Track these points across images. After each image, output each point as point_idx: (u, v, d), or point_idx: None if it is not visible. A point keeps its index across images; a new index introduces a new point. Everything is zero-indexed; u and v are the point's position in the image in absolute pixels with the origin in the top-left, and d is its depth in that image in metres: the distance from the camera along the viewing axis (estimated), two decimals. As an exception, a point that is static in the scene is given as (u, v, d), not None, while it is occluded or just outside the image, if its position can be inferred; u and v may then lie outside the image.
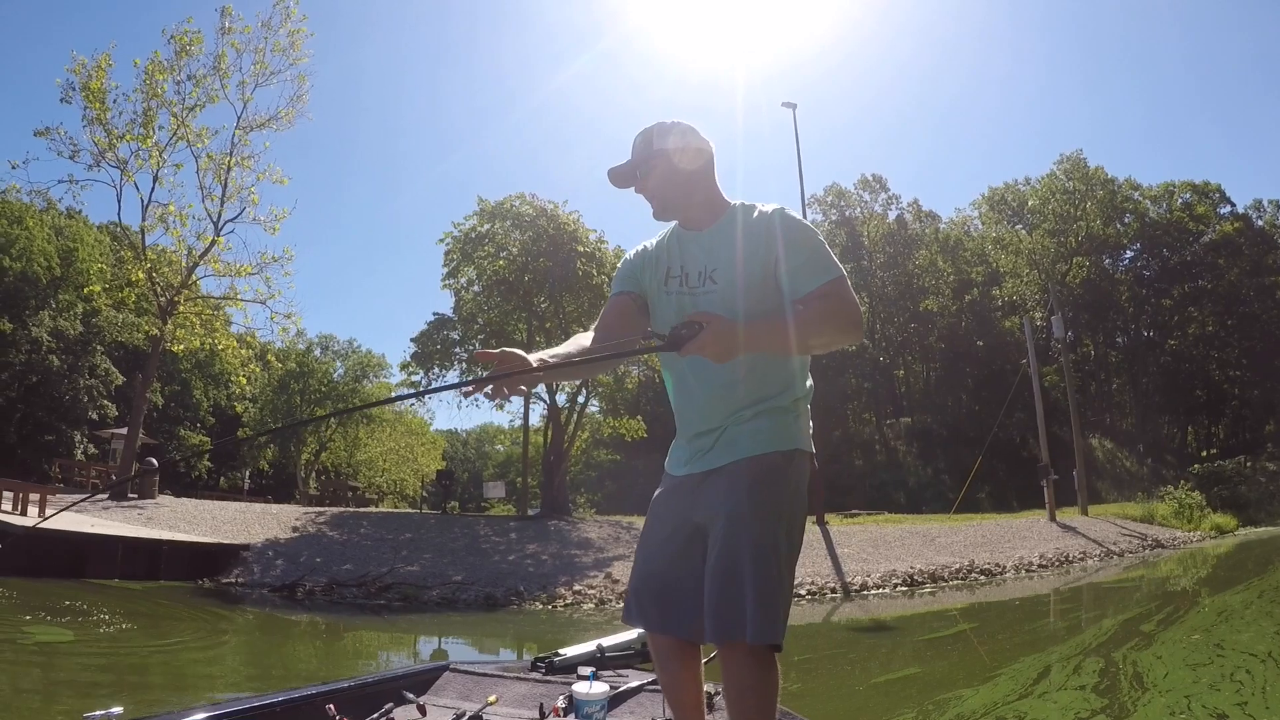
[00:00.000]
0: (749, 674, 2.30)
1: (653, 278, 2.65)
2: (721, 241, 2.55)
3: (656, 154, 2.60)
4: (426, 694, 3.49)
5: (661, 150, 2.60)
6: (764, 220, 2.51)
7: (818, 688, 7.44)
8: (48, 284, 55.38)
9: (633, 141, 2.67)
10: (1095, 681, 6.73)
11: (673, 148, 2.60)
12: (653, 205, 2.66)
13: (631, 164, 2.65)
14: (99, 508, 21.27)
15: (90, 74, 25.02)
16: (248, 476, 58.37)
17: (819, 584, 16.07)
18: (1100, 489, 39.98)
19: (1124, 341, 61.66)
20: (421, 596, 15.06)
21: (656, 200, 2.64)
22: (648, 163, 2.62)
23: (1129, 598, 14.56)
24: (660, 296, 2.62)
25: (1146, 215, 58.44)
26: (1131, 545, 23.21)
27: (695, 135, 2.64)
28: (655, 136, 2.63)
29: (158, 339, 26.45)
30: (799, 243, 2.45)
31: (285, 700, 3.02)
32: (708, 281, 2.51)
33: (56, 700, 6.55)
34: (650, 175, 2.62)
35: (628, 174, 2.67)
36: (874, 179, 62.92)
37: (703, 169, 2.63)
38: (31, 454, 50.59)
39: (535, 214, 28.27)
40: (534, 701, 3.35)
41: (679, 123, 2.65)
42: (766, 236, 2.47)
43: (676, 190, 2.61)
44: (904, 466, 49.85)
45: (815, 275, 2.40)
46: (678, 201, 2.63)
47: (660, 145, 2.61)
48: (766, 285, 2.44)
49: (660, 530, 2.58)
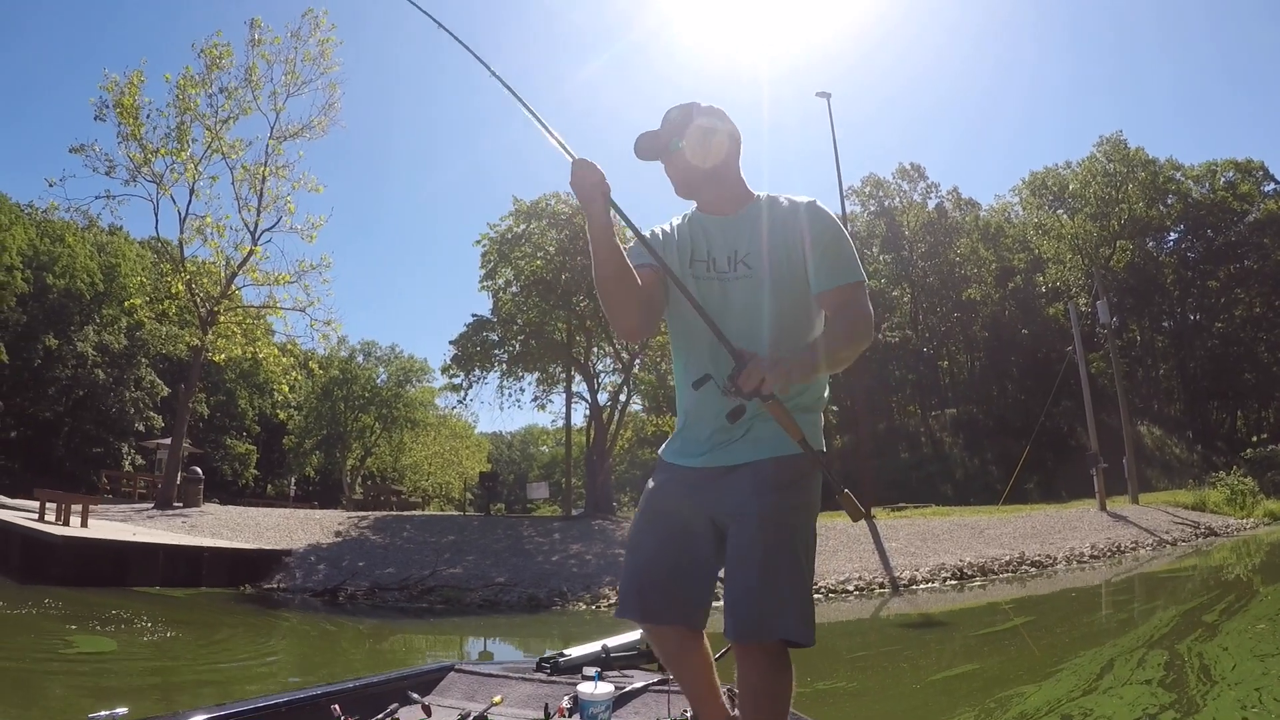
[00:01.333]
0: (772, 673, 2.30)
1: (675, 260, 2.59)
2: (748, 229, 2.55)
3: (692, 130, 2.58)
4: (431, 694, 3.49)
5: (697, 127, 2.58)
6: (793, 211, 2.53)
7: (874, 686, 7.32)
8: (91, 300, 56.34)
9: (664, 115, 2.64)
10: (1161, 675, 6.55)
11: (708, 127, 2.59)
12: (676, 181, 2.66)
13: (662, 136, 2.63)
14: (144, 516, 21.59)
15: (123, 91, 25.30)
16: (293, 483, 58.95)
17: (867, 579, 15.88)
18: (1150, 477, 39.30)
19: (1170, 325, 60.65)
20: (463, 599, 15.05)
21: (684, 177, 2.63)
22: (681, 138, 2.59)
23: (1186, 588, 14.24)
24: (685, 279, 2.52)
25: (1189, 196, 57.40)
26: (1184, 534, 22.74)
27: (728, 119, 2.65)
28: (693, 113, 2.61)
29: (199, 349, 26.72)
30: (825, 238, 2.48)
31: (290, 700, 3.01)
32: (740, 266, 2.51)
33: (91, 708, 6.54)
34: (682, 151, 2.59)
35: (658, 147, 2.64)
36: (912, 168, 62.36)
37: (733, 154, 2.64)
38: (80, 466, 51.47)
39: (571, 212, 28.21)
40: (539, 702, 3.34)
41: (714, 106, 2.65)
42: (795, 227, 2.49)
43: (706, 171, 2.60)
44: (950, 458, 49.32)
45: (836, 275, 2.46)
46: (705, 183, 2.62)
47: (697, 122, 2.59)
48: (795, 276, 2.47)
49: (666, 523, 2.54)
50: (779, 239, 2.48)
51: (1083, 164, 57.39)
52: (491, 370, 30.13)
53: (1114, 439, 31.66)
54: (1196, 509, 27.50)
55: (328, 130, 28.42)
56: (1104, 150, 56.33)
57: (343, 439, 54.11)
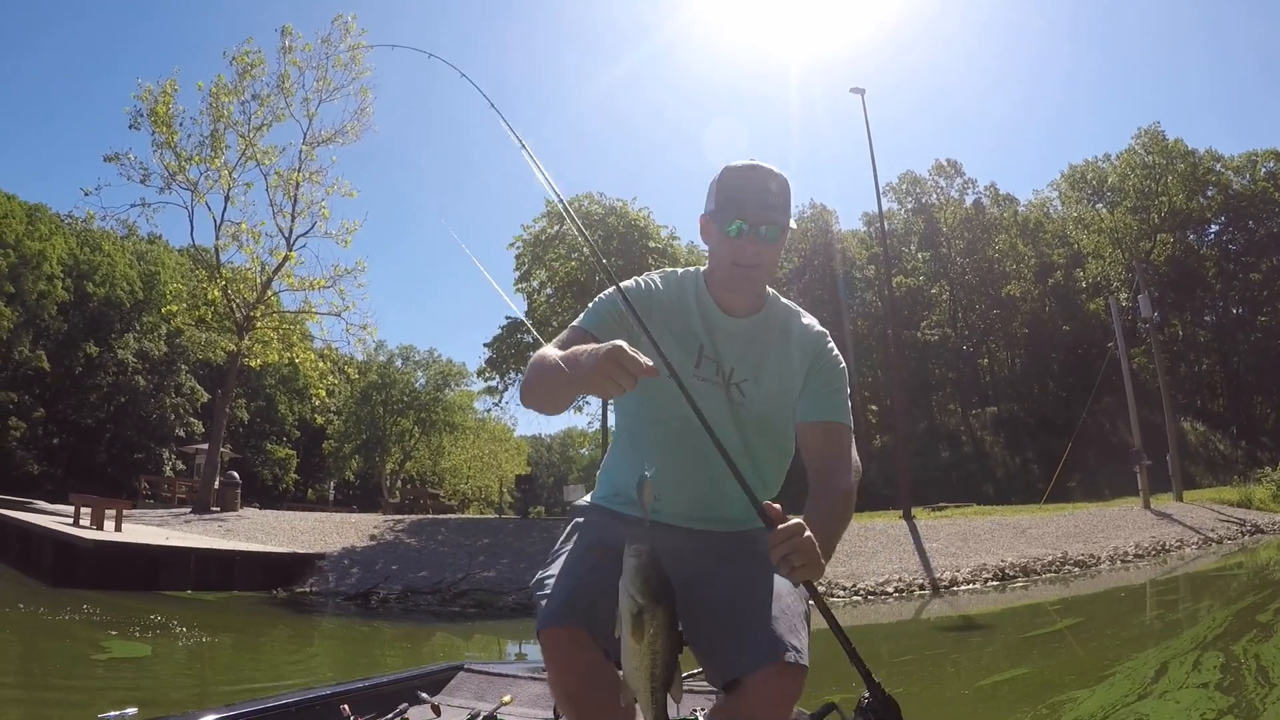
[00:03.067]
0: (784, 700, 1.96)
1: (676, 349, 2.22)
2: (761, 342, 2.29)
3: (788, 225, 2.24)
4: (440, 694, 3.47)
5: (790, 225, 2.25)
6: (807, 340, 2.32)
7: (921, 691, 7.18)
8: (131, 307, 57.16)
9: (756, 178, 2.22)
10: (1218, 678, 6.39)
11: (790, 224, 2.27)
12: (748, 276, 2.24)
13: (768, 211, 2.19)
14: (181, 521, 21.80)
15: (157, 100, 25.57)
16: (333, 488, 59.43)
17: (906, 580, 15.73)
18: (1194, 474, 38.68)
19: (1212, 319, 59.61)
20: (496, 603, 15.02)
21: (760, 274, 2.25)
22: (784, 226, 2.23)
23: (1234, 587, 13.97)
24: (688, 377, 2.15)
25: (1230, 187, 56.33)
26: (1230, 531, 22.35)
27: None
28: (790, 202, 2.25)
29: (235, 355, 26.93)
30: (829, 377, 2.29)
31: (299, 701, 3.01)
32: (735, 391, 2.25)
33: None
34: (775, 246, 2.24)
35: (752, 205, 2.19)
36: (949, 164, 61.68)
37: None
38: (121, 472, 52.22)
39: (605, 212, 28.18)
40: (548, 702, 3.28)
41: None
42: (804, 358, 2.29)
43: (772, 273, 2.31)
44: (991, 457, 48.84)
45: (831, 411, 2.26)
46: (763, 285, 2.33)
47: (791, 216, 2.25)
48: (786, 405, 2.28)
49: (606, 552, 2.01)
50: (792, 367, 2.27)
51: (1121, 156, 56.62)
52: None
53: (1157, 436, 31.19)
54: (1242, 506, 27.03)
55: (360, 135, 28.65)
56: (1142, 142, 55.53)
57: (382, 443, 54.45)
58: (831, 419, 2.23)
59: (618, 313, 2.26)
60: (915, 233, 61.12)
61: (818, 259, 58.49)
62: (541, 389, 2.12)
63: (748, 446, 2.23)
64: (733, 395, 2.25)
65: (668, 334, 2.22)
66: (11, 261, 51.04)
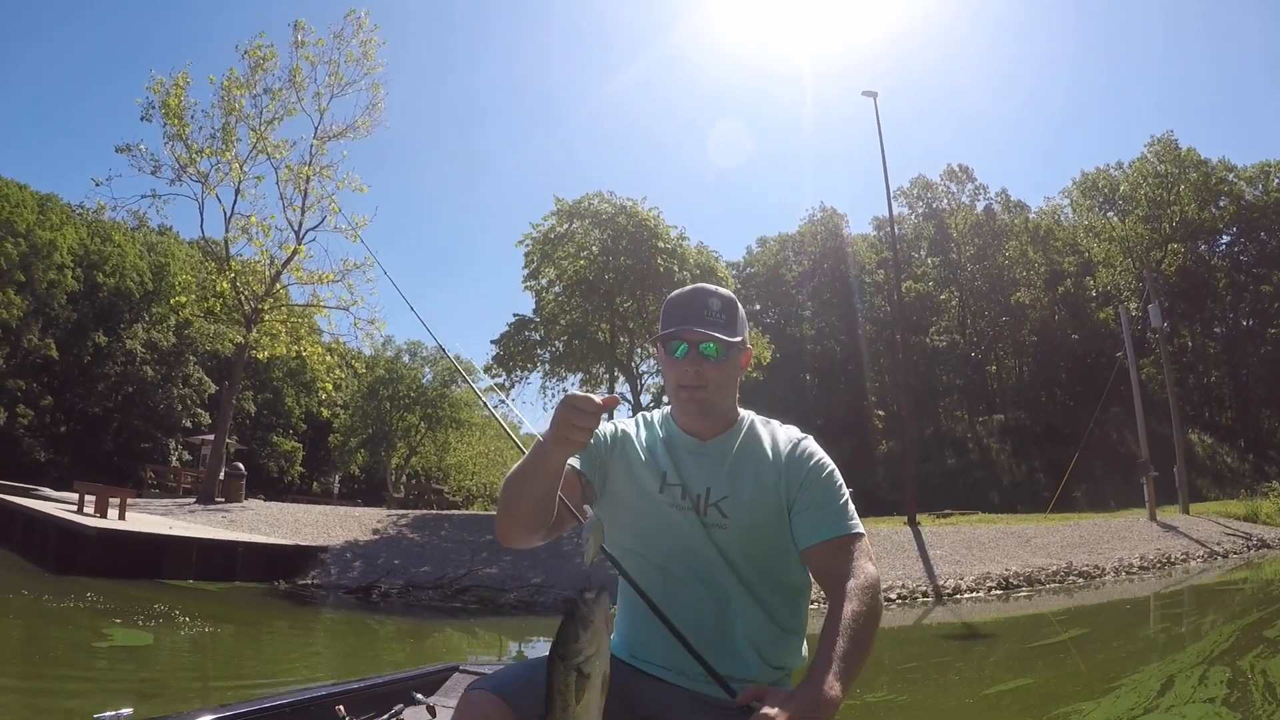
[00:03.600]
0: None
1: (647, 477, 2.16)
2: (726, 463, 2.13)
3: (737, 342, 2.11)
4: (436, 694, 3.43)
5: (740, 340, 2.13)
6: (783, 447, 2.15)
7: (925, 700, 7.16)
8: (141, 298, 57.36)
9: (693, 297, 2.14)
10: (1224, 693, 6.34)
11: (744, 340, 2.15)
12: (695, 398, 2.11)
13: (707, 328, 2.07)
14: (185, 511, 21.85)
15: (169, 92, 25.60)
16: (338, 481, 59.38)
17: (910, 587, 15.67)
18: (1201, 486, 38.58)
19: (1222, 331, 59.41)
20: (498, 600, 15.01)
21: (709, 395, 2.11)
22: (729, 344, 2.09)
23: (1241, 601, 13.89)
24: (651, 501, 2.13)
25: (1242, 197, 56.10)
26: (1235, 545, 22.23)
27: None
28: (739, 318, 2.14)
29: (243, 347, 26.96)
30: (818, 488, 2.07)
31: (294, 701, 2.98)
32: (713, 511, 2.09)
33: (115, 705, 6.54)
34: (724, 364, 2.11)
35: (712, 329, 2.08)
36: (960, 169, 61.65)
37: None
38: (128, 461, 52.42)
39: (614, 211, 28.12)
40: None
41: (740, 307, 2.18)
42: (784, 469, 2.10)
43: (727, 393, 2.16)
44: (997, 465, 48.83)
45: (831, 526, 2.03)
46: (720, 406, 2.16)
47: (739, 332, 2.13)
48: (775, 526, 2.08)
49: None
50: (764, 481, 2.10)
51: (1133, 165, 56.45)
52: (534, 370, 30.08)
53: (1164, 447, 31.06)
54: (1248, 520, 26.86)
55: (372, 130, 28.69)
56: (1155, 151, 55.36)
57: (388, 438, 54.41)
58: (834, 535, 2.02)
59: (596, 444, 2.17)
60: (925, 238, 61.11)
61: (827, 262, 58.53)
62: (512, 494, 1.94)
63: (741, 578, 2.08)
64: (711, 517, 2.08)
65: (638, 464, 2.18)
66: (22, 251, 51.23)
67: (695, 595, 2.07)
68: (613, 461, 2.19)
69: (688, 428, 2.18)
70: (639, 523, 2.16)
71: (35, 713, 6.17)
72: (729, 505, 2.08)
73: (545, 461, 1.83)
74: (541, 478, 1.87)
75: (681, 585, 2.09)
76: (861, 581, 1.92)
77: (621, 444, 2.23)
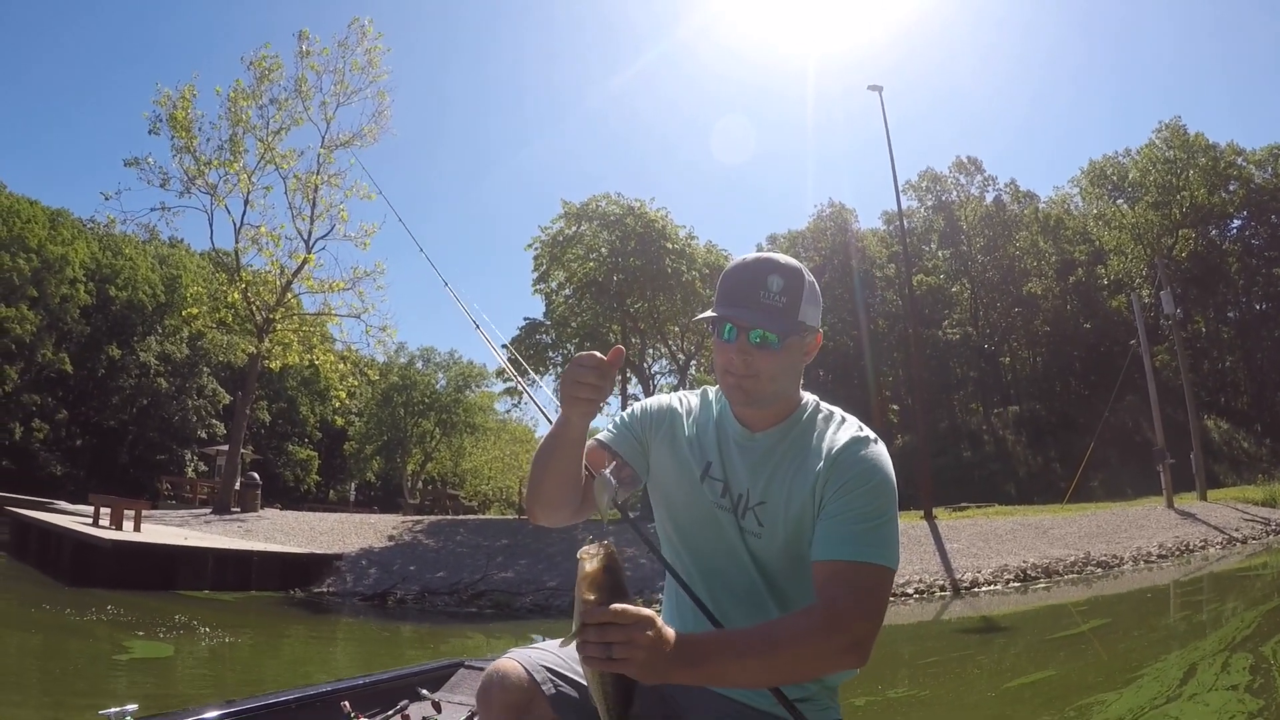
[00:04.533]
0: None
1: (682, 458, 1.98)
2: (770, 463, 1.90)
3: (798, 326, 1.83)
4: (441, 690, 3.44)
5: (803, 324, 1.84)
6: (828, 447, 1.86)
7: (946, 694, 7.13)
8: (153, 310, 57.58)
9: (753, 273, 1.84)
10: (1248, 680, 6.30)
11: (812, 325, 1.88)
12: (741, 387, 1.85)
13: (757, 313, 1.80)
14: (201, 521, 21.95)
15: (175, 105, 25.71)
16: (354, 489, 59.52)
17: (927, 581, 15.63)
18: (1218, 472, 38.33)
19: (1235, 316, 59.07)
20: (513, 604, 15.02)
21: (760, 386, 1.85)
22: (785, 331, 1.81)
23: (1261, 587, 13.80)
24: (692, 489, 1.96)
25: (1252, 181, 55.65)
26: (1255, 531, 22.06)
27: (821, 311, 1.94)
28: (805, 298, 1.85)
29: (256, 357, 27.05)
30: (851, 497, 1.77)
31: (300, 697, 2.99)
32: (750, 517, 1.89)
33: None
34: (779, 353, 1.82)
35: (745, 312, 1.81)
36: (969, 161, 61.42)
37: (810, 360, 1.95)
38: (144, 473, 52.65)
39: (622, 213, 28.15)
40: None
41: (816, 284, 1.90)
42: (820, 472, 1.83)
43: (785, 383, 1.88)
44: (1013, 456, 48.65)
45: (853, 544, 1.72)
46: (776, 397, 1.89)
47: (805, 315, 1.85)
48: (807, 536, 1.82)
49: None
50: (798, 488, 1.84)
51: (1142, 151, 56.13)
52: (546, 373, 30.12)
53: (1180, 434, 30.90)
54: (1267, 505, 26.70)
55: (379, 138, 28.86)
56: (1163, 137, 55.04)
57: (403, 444, 54.55)
58: (847, 558, 1.71)
59: (644, 418, 2.06)
60: (935, 231, 60.92)
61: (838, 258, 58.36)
62: (535, 467, 1.85)
63: (775, 594, 1.90)
64: (748, 523, 1.90)
65: (684, 445, 2.00)
66: (35, 266, 51.46)
67: (732, 603, 1.92)
68: (656, 438, 2.02)
69: (740, 415, 1.95)
70: (677, 512, 2.00)
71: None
72: (765, 513, 1.87)
73: (564, 429, 1.75)
74: (561, 446, 1.78)
75: (722, 591, 1.94)
76: (831, 622, 1.60)
77: (669, 418, 2.05)
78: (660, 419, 2.06)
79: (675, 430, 2.03)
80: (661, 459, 2.02)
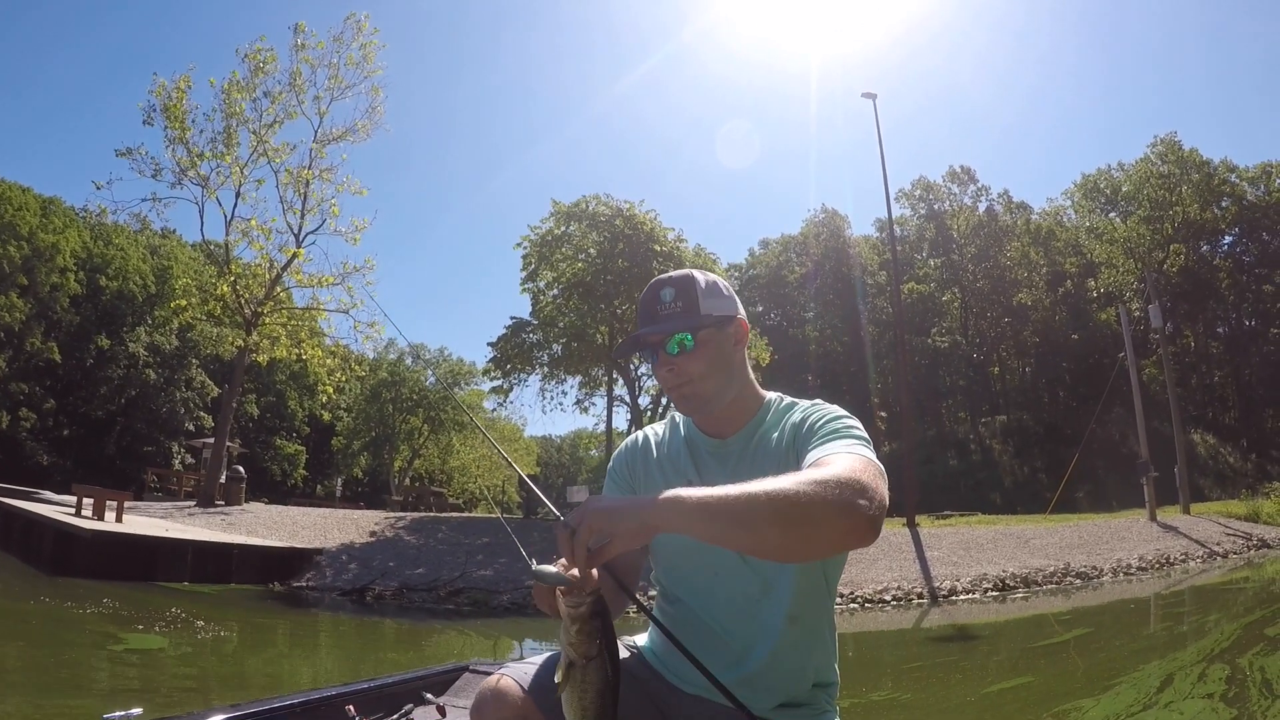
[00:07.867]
0: None
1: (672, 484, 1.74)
2: (749, 455, 1.94)
3: (705, 320, 1.89)
4: (446, 694, 3.41)
5: (710, 316, 1.89)
6: (793, 423, 1.90)
7: (928, 699, 7.19)
8: (144, 301, 57.43)
9: (648, 295, 1.94)
10: (1223, 690, 6.35)
11: (723, 315, 1.92)
12: (683, 395, 1.91)
13: (660, 324, 1.89)
14: (185, 514, 21.91)
15: (170, 96, 25.65)
16: (341, 484, 59.51)
17: (905, 588, 15.65)
18: (1203, 486, 38.60)
19: (1225, 331, 59.48)
20: (491, 601, 15.03)
21: (697, 388, 1.90)
22: (692, 328, 1.87)
23: (1241, 601, 13.86)
24: None
25: (1244, 198, 56.07)
26: (1236, 545, 22.15)
27: (737, 300, 1.99)
28: (702, 294, 1.91)
29: (243, 350, 27.00)
30: (819, 426, 1.81)
31: (304, 701, 2.97)
32: None
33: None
34: (696, 350, 1.88)
35: (645, 341, 1.93)
36: (962, 170, 61.80)
37: (744, 349, 1.99)
38: (130, 464, 52.51)
39: (611, 214, 28.13)
40: None
41: (717, 279, 1.97)
42: (791, 451, 1.85)
43: (723, 378, 1.92)
44: (999, 465, 48.93)
45: (828, 438, 1.74)
46: (721, 394, 1.92)
47: (710, 308, 1.90)
48: None
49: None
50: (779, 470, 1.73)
51: (1136, 165, 56.53)
52: (533, 372, 30.09)
53: (1166, 447, 31.03)
54: (1249, 520, 26.80)
55: (371, 134, 28.82)
56: (1157, 151, 55.43)
57: (391, 441, 54.51)
58: (831, 444, 1.71)
59: (622, 469, 2.10)
60: (927, 239, 61.19)
61: (830, 264, 58.55)
62: None
63: (773, 595, 1.89)
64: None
65: (662, 480, 1.99)
66: (25, 254, 51.34)
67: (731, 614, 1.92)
68: (644, 487, 2.04)
69: (708, 428, 2.00)
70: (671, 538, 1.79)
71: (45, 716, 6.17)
72: None
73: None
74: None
75: (723, 604, 1.94)
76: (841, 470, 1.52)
77: (644, 461, 2.09)
78: (637, 463, 2.10)
79: (650, 465, 2.07)
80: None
